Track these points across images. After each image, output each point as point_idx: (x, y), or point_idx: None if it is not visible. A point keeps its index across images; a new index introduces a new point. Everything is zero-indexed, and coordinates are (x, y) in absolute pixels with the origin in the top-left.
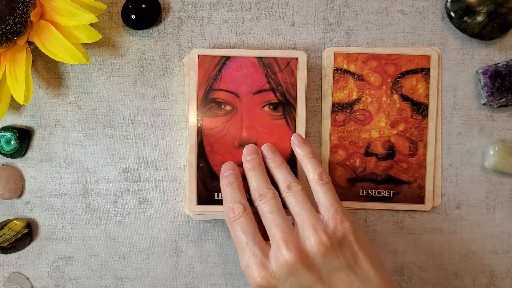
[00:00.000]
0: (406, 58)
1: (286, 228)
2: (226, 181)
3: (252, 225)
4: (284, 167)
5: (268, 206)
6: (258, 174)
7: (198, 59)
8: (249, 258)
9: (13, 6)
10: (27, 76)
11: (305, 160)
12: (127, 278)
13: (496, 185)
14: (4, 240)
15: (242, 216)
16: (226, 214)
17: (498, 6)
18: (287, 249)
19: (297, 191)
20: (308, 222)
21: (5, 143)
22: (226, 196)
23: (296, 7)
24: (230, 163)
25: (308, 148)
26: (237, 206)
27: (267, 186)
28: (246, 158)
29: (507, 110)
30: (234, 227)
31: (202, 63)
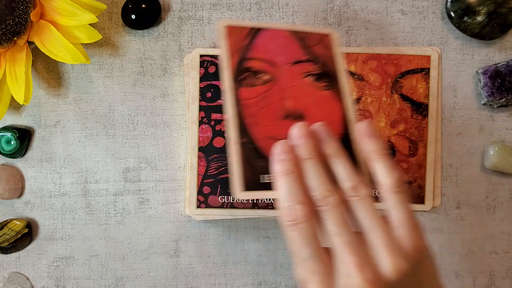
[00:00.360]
0: (406, 58)
1: (359, 249)
2: (282, 168)
3: (315, 236)
4: (344, 157)
5: (332, 216)
6: (315, 166)
7: (226, 29)
8: (310, 273)
9: (13, 6)
10: (27, 76)
11: (376, 158)
12: (127, 278)
13: (496, 185)
14: (4, 240)
15: (305, 222)
16: (283, 214)
17: (498, 6)
18: (364, 279)
19: (364, 196)
20: (383, 242)
21: (5, 143)
22: (282, 191)
23: (296, 7)
24: (285, 143)
25: (380, 143)
26: (298, 208)
27: (329, 188)
28: (298, 141)
29: (507, 110)
30: (292, 232)
31: (231, 33)
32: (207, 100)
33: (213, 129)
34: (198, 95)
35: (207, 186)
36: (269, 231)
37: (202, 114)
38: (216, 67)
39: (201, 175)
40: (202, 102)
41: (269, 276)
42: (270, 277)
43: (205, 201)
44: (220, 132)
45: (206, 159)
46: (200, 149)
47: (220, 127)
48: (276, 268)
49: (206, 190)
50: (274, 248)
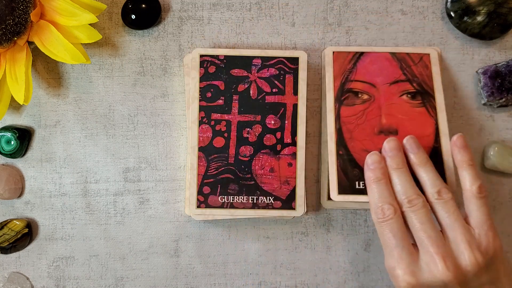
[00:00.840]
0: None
1: (440, 242)
2: (373, 175)
3: (402, 228)
4: (430, 167)
5: (418, 215)
6: (403, 174)
7: (333, 55)
8: (397, 260)
9: (13, 6)
10: (27, 76)
11: (465, 168)
12: (127, 278)
13: (496, 185)
14: (4, 240)
15: (393, 218)
16: (375, 213)
17: (498, 6)
18: (445, 267)
19: (448, 199)
20: (462, 238)
21: (5, 143)
22: (374, 194)
23: (296, 7)
24: (376, 154)
25: (469, 154)
26: (387, 207)
27: (416, 192)
28: (388, 154)
29: (507, 110)
30: (382, 227)
31: (337, 58)
32: (207, 100)
33: (213, 129)
34: (198, 95)
35: (207, 186)
36: (269, 231)
37: (202, 114)
38: (216, 67)
39: (201, 175)
40: (202, 102)
41: (269, 276)
42: (270, 277)
43: (205, 201)
44: (220, 132)
45: (206, 159)
46: (200, 149)
47: (220, 127)
48: (276, 268)
49: (206, 190)
50: (274, 248)
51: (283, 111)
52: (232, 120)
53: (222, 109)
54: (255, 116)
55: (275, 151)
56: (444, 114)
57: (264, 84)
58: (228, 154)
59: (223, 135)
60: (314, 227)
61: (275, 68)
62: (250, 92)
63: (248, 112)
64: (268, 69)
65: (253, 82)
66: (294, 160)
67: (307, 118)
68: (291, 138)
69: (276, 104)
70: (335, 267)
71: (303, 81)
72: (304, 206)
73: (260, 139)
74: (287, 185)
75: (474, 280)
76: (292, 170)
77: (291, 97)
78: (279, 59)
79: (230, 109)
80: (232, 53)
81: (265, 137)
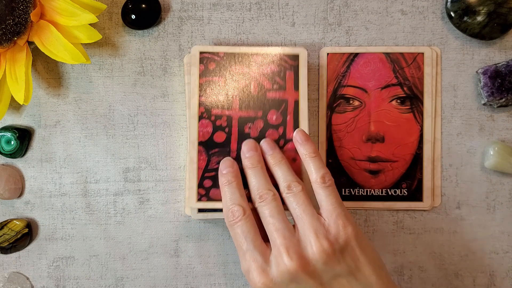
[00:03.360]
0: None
1: (287, 233)
2: (225, 179)
3: (252, 228)
4: (284, 164)
5: (269, 209)
6: (257, 172)
7: (328, 57)
8: (249, 263)
9: (13, 6)
10: (27, 76)
11: (307, 159)
12: (127, 278)
13: (496, 185)
14: (4, 240)
15: (242, 219)
16: (226, 216)
17: (498, 6)
18: (288, 257)
19: (297, 191)
20: (310, 227)
21: (5, 143)
22: (225, 197)
23: (296, 7)
24: (229, 159)
25: (311, 146)
26: (236, 208)
27: (267, 187)
28: (245, 155)
29: (507, 110)
30: (234, 230)
31: (331, 60)
32: (207, 96)
33: (214, 124)
34: (198, 90)
35: (209, 179)
36: None
37: (202, 109)
38: (216, 64)
39: (201, 168)
40: (202, 98)
41: None
42: None
43: (206, 194)
44: (220, 127)
45: (206, 153)
46: (200, 144)
47: (220, 122)
48: None
49: (207, 183)
50: None
51: (285, 106)
52: (233, 115)
53: (223, 105)
54: (256, 112)
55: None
56: (430, 120)
57: (264, 80)
58: (229, 149)
59: (224, 130)
60: None
61: (275, 65)
62: (251, 88)
63: (249, 108)
64: (268, 66)
65: (253, 78)
66: (297, 155)
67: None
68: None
69: (277, 100)
70: None
71: (304, 78)
72: None
73: (262, 134)
74: None
75: (326, 271)
76: (297, 165)
77: (293, 93)
78: (279, 55)
79: (231, 105)
80: (232, 50)
81: (267, 132)
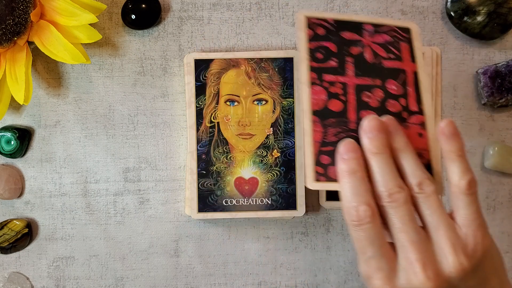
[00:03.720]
0: None
1: (423, 246)
2: (346, 167)
3: (380, 233)
4: (411, 152)
5: (400, 214)
6: (384, 161)
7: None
8: (374, 271)
9: (13, 6)
10: (27, 76)
11: (453, 157)
12: (127, 278)
13: (496, 185)
14: (4, 240)
15: (370, 222)
16: (348, 214)
17: (498, 6)
18: (425, 277)
19: (430, 192)
20: (447, 240)
21: (5, 143)
22: (347, 191)
23: (296, 7)
24: (351, 142)
25: (459, 143)
26: (363, 208)
27: (398, 183)
28: (368, 135)
29: (507, 110)
30: (357, 232)
31: None
32: (317, 61)
33: (327, 91)
34: (308, 55)
35: (326, 155)
36: (269, 231)
37: (313, 75)
38: (326, 30)
39: (318, 142)
40: (312, 63)
41: (269, 276)
42: (270, 277)
43: (324, 173)
44: (335, 95)
45: (321, 124)
46: (314, 113)
47: (335, 90)
48: (276, 268)
49: (325, 160)
50: (274, 248)
51: (404, 77)
52: (349, 82)
53: (336, 70)
54: (374, 80)
55: (401, 119)
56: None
57: (379, 49)
58: (347, 119)
59: (339, 97)
60: (314, 227)
61: (388, 35)
62: (365, 55)
63: (366, 75)
64: (381, 35)
65: (367, 46)
66: (424, 130)
67: None
68: (417, 106)
69: (395, 69)
70: (335, 267)
71: (419, 50)
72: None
73: (383, 105)
74: (421, 158)
75: (459, 286)
76: (424, 141)
77: (410, 64)
78: (391, 27)
79: (345, 71)
80: (341, 17)
81: (388, 103)
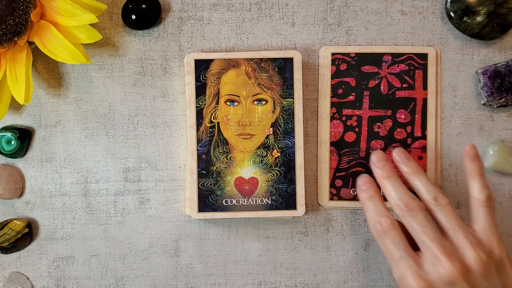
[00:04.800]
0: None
1: (443, 242)
2: (366, 194)
3: (402, 238)
4: (423, 174)
5: (417, 219)
6: (394, 182)
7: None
8: (404, 270)
9: (13, 6)
10: (28, 76)
11: (475, 177)
12: (127, 278)
13: (496, 185)
14: (5, 240)
15: (392, 229)
16: (374, 228)
17: (497, 6)
18: (450, 263)
19: (445, 204)
20: (465, 238)
21: (5, 143)
22: (370, 211)
23: (296, 7)
24: (366, 176)
25: (479, 163)
26: (384, 220)
27: (411, 196)
28: (377, 165)
29: (507, 110)
30: (384, 240)
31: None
32: (338, 96)
33: (344, 124)
34: (330, 91)
35: (339, 179)
36: (269, 231)
37: (333, 110)
38: (347, 65)
39: (333, 168)
40: (333, 99)
41: (269, 276)
42: (270, 277)
43: (337, 193)
44: (351, 127)
45: (337, 153)
46: (331, 144)
47: (351, 122)
48: (276, 268)
49: (338, 183)
50: (274, 248)
51: (413, 105)
52: (363, 115)
53: (353, 104)
54: (386, 111)
55: (405, 145)
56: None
57: (394, 80)
58: (359, 149)
59: (354, 130)
60: (314, 227)
61: (405, 64)
62: (381, 88)
63: (379, 107)
64: (398, 65)
65: (383, 78)
66: (424, 153)
67: (307, 118)
68: (421, 131)
69: (406, 98)
70: (335, 267)
71: (433, 76)
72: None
73: (391, 133)
74: None
75: (483, 283)
76: (423, 163)
77: (421, 91)
78: (408, 55)
79: (361, 105)
80: (363, 50)
81: (396, 131)
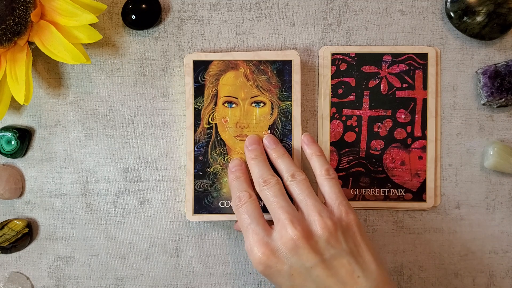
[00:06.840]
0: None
1: (291, 210)
2: (234, 175)
3: (257, 209)
4: (287, 157)
5: (272, 191)
6: (260, 162)
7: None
8: (251, 237)
9: (13, 6)
10: (28, 76)
11: (313, 158)
12: (127, 278)
13: (496, 185)
14: (5, 240)
15: (248, 201)
16: (233, 203)
17: (497, 6)
18: (292, 227)
19: (301, 179)
20: (314, 208)
21: (5, 143)
22: (234, 188)
23: (296, 7)
24: (237, 159)
25: (316, 147)
26: (243, 194)
27: (270, 173)
28: (248, 148)
29: (507, 110)
30: (239, 212)
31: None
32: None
33: (344, 124)
34: (330, 91)
35: (339, 179)
36: None
37: (333, 110)
38: (347, 65)
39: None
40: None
41: None
42: None
43: None
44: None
45: (337, 153)
46: (331, 144)
47: (351, 122)
48: None
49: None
50: None
51: (413, 105)
52: (363, 115)
53: (353, 104)
54: (386, 111)
55: (405, 145)
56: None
57: (394, 80)
58: (359, 148)
59: (354, 130)
60: None
61: (405, 64)
62: (381, 88)
63: (379, 107)
64: (398, 65)
65: (383, 78)
66: (424, 153)
67: (307, 118)
68: (421, 131)
69: (406, 98)
70: None
71: (433, 76)
72: (434, 198)
73: (391, 133)
74: (418, 178)
75: (328, 248)
76: (423, 163)
77: (421, 91)
78: (408, 55)
79: (361, 105)
80: (363, 50)
81: (396, 131)
